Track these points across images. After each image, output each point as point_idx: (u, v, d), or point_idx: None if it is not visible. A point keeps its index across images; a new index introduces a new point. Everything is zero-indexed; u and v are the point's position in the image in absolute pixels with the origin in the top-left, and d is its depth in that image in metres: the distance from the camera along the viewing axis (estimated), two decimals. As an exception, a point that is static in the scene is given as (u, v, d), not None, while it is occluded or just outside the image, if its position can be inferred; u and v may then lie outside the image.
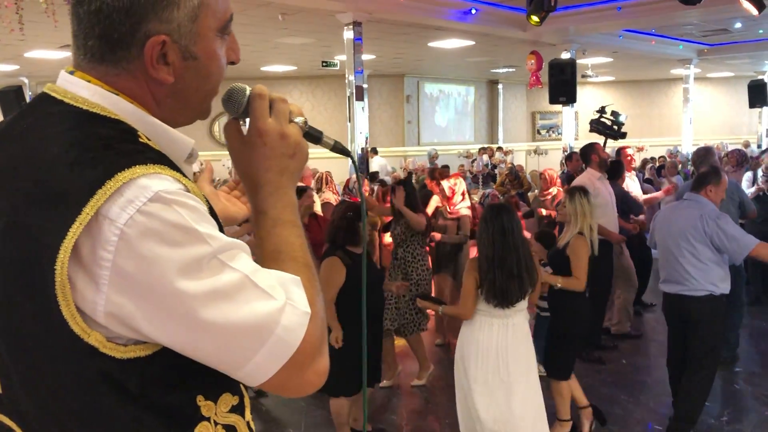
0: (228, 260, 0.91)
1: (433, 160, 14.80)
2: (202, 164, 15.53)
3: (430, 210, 6.34)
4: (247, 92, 1.09)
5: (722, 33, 13.48)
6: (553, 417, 4.12)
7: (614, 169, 6.49)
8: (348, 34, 9.43)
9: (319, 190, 7.81)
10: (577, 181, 5.95)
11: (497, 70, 18.08)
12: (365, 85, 9.84)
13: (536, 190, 11.18)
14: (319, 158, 13.11)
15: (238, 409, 1.03)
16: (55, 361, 0.88)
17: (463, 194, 6.64)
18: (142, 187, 0.87)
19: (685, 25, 12.36)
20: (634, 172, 7.71)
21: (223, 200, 1.43)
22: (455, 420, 3.81)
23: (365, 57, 10.66)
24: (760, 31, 13.28)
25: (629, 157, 7.49)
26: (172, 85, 1.00)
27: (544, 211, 7.21)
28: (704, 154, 5.44)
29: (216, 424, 0.98)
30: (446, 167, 14.87)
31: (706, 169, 4.58)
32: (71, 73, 1.00)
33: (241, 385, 1.04)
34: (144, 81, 0.99)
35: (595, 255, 4.39)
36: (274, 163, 1.07)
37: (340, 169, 13.85)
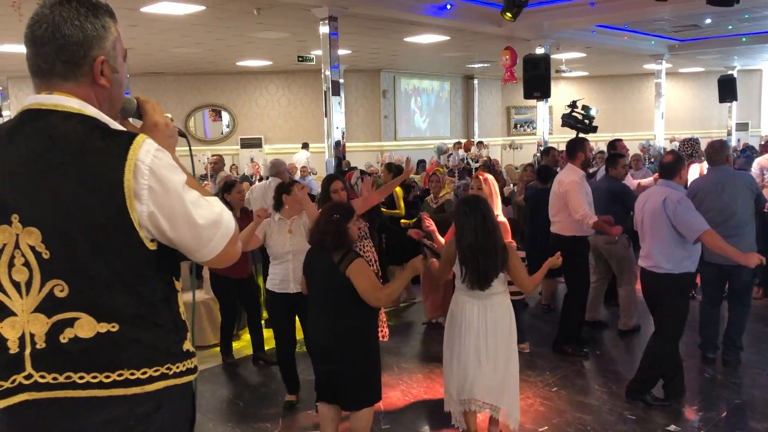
0: (190, 185, 1.59)
1: (443, 155, 14.60)
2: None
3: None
4: (135, 101, 1.72)
5: (693, 28, 13.69)
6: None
7: (610, 162, 6.45)
8: (324, 29, 9.40)
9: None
10: (560, 177, 5.95)
11: (473, 66, 18.16)
12: (341, 80, 9.82)
13: (511, 184, 11.27)
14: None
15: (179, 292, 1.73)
16: (125, 249, 1.52)
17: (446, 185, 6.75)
18: (150, 143, 1.53)
19: (657, 20, 12.53)
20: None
21: None
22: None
23: (341, 52, 10.63)
24: (730, 27, 13.51)
25: (626, 149, 7.62)
26: (108, 90, 1.62)
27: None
28: (719, 147, 5.49)
29: (180, 296, 1.69)
30: (422, 162, 14.92)
31: (671, 157, 4.85)
32: (50, 93, 1.56)
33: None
34: (91, 89, 1.59)
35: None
36: (165, 141, 1.66)
37: (319, 165, 13.83)
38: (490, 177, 5.02)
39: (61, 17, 1.53)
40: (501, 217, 4.84)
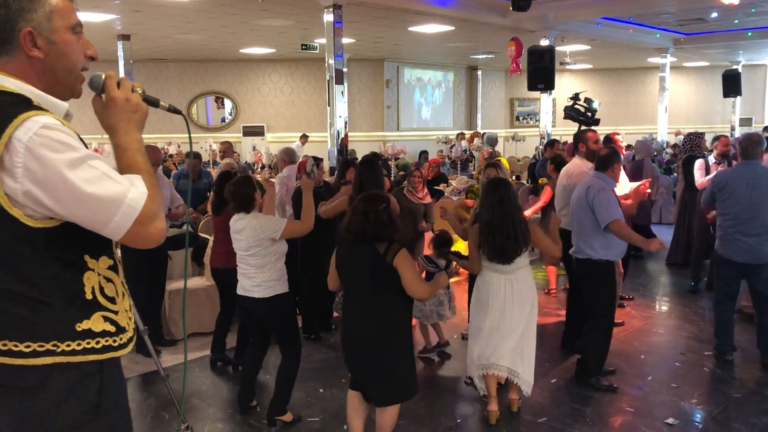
0: (92, 162, 1.54)
1: (495, 143, 14.19)
2: (179, 146, 15.42)
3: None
4: (102, 76, 1.70)
5: (698, 22, 13.63)
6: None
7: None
8: (328, 17, 9.38)
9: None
10: (567, 168, 5.93)
11: (477, 56, 18.10)
12: (345, 69, 9.79)
13: (513, 176, 11.26)
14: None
15: (113, 269, 1.72)
16: None
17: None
18: (35, 121, 1.50)
19: (662, 13, 12.47)
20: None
21: None
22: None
23: (345, 41, 10.61)
24: (736, 21, 13.44)
25: (619, 144, 7.55)
26: (43, 61, 1.62)
27: None
28: (758, 140, 5.20)
29: (99, 274, 1.67)
30: (425, 152, 14.89)
31: (606, 151, 5.07)
32: None
33: (114, 254, 1.74)
34: (26, 62, 1.62)
35: None
36: (124, 116, 1.70)
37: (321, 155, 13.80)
38: (504, 167, 5.35)
39: None
40: None
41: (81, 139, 1.61)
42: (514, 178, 11.66)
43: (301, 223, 4.40)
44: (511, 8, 10.34)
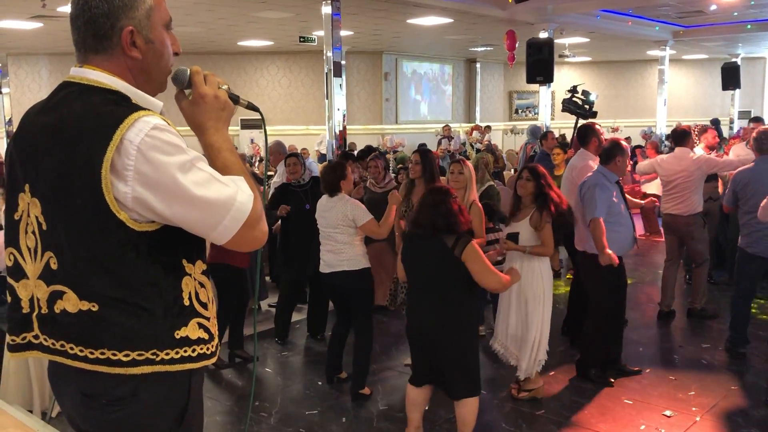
0: (199, 165, 1.50)
1: (539, 135, 13.82)
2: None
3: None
4: (188, 71, 1.65)
5: (698, 15, 13.59)
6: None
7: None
8: (326, 9, 9.33)
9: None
10: (573, 161, 5.90)
11: (475, 49, 18.04)
12: (343, 62, 9.76)
13: (512, 169, 11.25)
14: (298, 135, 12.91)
15: (206, 273, 1.66)
16: (100, 231, 1.47)
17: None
18: (146, 122, 1.46)
19: (662, 6, 12.43)
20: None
21: None
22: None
23: (343, 33, 10.56)
24: (735, 14, 13.41)
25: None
26: (141, 61, 1.58)
27: None
28: None
29: (194, 279, 1.61)
30: (423, 145, 14.87)
31: (609, 144, 5.04)
32: (81, 66, 1.58)
33: (207, 258, 1.68)
34: (123, 61, 1.57)
35: None
36: (213, 114, 1.64)
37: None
38: (469, 163, 5.16)
39: None
40: (477, 202, 4.96)
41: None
42: (512, 171, 11.65)
43: (378, 226, 4.58)
44: (510, 0, 10.32)
